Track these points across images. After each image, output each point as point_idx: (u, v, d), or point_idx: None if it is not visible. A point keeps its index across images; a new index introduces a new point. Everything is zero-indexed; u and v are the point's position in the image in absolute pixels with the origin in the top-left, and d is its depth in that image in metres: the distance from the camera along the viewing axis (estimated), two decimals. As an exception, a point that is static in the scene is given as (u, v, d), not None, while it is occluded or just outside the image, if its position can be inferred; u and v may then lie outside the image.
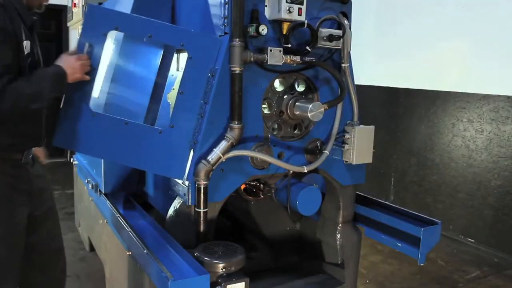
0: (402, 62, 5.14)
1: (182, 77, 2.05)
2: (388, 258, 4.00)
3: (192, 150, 2.04)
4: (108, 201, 2.49)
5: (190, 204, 2.02)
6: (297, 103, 2.14)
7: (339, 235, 2.47)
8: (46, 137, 2.14)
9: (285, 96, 2.19)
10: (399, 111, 5.26)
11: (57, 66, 1.92)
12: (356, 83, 2.37)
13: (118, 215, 2.26)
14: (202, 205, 1.98)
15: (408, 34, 5.04)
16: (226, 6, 2.01)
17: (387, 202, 2.58)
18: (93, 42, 2.02)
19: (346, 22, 2.22)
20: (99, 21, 2.03)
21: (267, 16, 2.05)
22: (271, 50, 2.00)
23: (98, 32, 2.02)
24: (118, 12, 2.26)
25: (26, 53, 1.91)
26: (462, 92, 4.54)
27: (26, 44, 1.91)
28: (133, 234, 1.99)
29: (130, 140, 2.07)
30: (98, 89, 2.71)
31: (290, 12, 1.98)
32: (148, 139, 2.06)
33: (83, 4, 3.72)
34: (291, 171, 2.23)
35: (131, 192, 2.65)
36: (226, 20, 2.03)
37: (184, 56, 2.43)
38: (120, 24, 2.03)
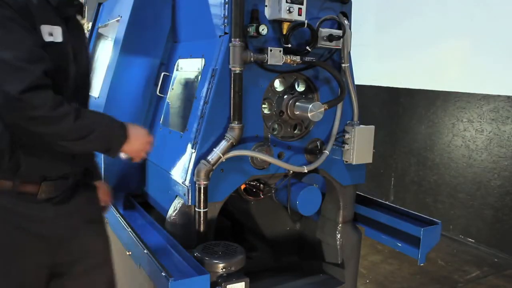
0: (402, 62, 5.14)
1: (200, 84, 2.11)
2: (388, 258, 4.00)
3: (193, 150, 2.05)
4: (108, 201, 2.49)
5: (190, 204, 2.02)
6: (297, 103, 2.14)
7: (339, 235, 2.47)
8: (81, 166, 1.66)
9: (285, 96, 2.19)
10: (399, 111, 5.26)
11: (124, 125, 1.56)
12: (356, 83, 2.36)
13: (118, 215, 2.26)
14: (202, 205, 1.97)
15: (408, 34, 5.04)
16: (226, 6, 2.01)
17: (387, 202, 2.57)
18: None
19: (346, 22, 2.22)
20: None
21: (267, 16, 2.05)
22: (271, 50, 1.99)
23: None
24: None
25: (47, 41, 1.45)
26: (462, 92, 4.54)
27: (51, 29, 1.46)
28: (133, 234, 1.99)
29: (167, 145, 2.34)
30: (98, 89, 2.72)
31: (290, 12, 1.98)
32: (174, 143, 2.24)
33: (83, 4, 3.72)
34: (291, 171, 2.23)
35: (131, 192, 2.65)
36: (226, 20, 2.03)
37: (184, 61, 2.44)
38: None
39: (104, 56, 2.93)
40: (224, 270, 1.75)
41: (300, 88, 2.26)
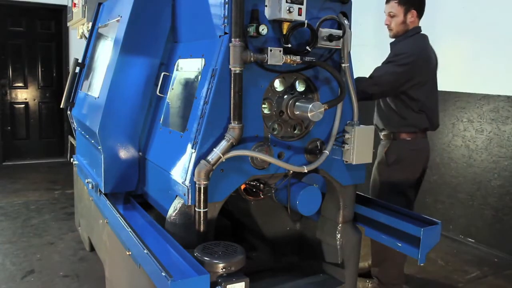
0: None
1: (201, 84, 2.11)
2: (388, 258, 4.00)
3: (193, 150, 2.05)
4: (108, 201, 2.49)
5: (190, 204, 2.02)
6: (297, 103, 2.14)
7: (339, 235, 2.47)
8: None
9: (285, 96, 2.19)
10: (399, 111, 5.25)
11: None
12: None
13: (118, 215, 2.26)
14: (202, 205, 1.98)
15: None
16: (226, 6, 2.01)
17: (387, 202, 2.57)
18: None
19: (346, 22, 2.22)
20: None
21: (267, 16, 2.05)
22: (271, 50, 1.99)
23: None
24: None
25: None
26: (462, 92, 4.54)
27: None
28: (133, 234, 1.99)
29: (167, 145, 2.34)
30: (98, 89, 2.72)
31: (290, 12, 1.98)
32: (174, 143, 2.23)
33: (83, 4, 3.73)
34: (291, 171, 2.23)
35: (131, 192, 2.65)
36: (226, 20, 2.03)
37: (184, 61, 2.44)
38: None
39: (104, 56, 2.94)
40: (224, 270, 1.75)
41: (300, 88, 2.26)
